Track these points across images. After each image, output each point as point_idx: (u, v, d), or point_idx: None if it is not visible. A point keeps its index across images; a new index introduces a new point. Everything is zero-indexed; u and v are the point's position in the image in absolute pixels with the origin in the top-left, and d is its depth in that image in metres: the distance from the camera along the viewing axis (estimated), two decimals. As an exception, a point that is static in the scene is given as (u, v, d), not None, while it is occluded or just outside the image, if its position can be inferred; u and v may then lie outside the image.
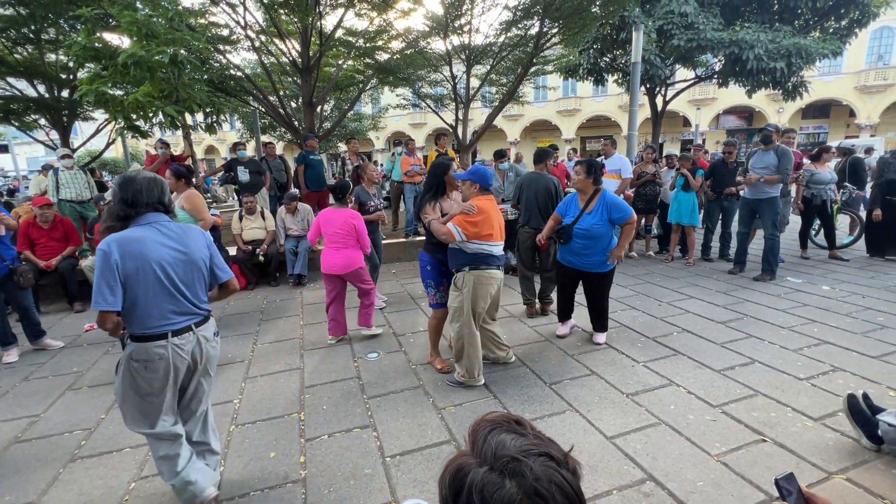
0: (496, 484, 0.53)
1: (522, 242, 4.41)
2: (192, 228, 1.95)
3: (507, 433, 0.59)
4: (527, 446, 0.55)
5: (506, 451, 0.56)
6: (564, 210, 3.66)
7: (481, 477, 0.54)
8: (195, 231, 1.95)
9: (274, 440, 2.51)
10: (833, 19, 10.83)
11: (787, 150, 4.99)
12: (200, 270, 1.91)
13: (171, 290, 1.81)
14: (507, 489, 0.52)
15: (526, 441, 0.56)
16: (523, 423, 0.61)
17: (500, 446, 0.57)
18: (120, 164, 22.72)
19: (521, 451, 0.55)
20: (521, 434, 0.59)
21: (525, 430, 0.60)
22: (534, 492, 0.52)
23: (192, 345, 1.88)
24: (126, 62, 4.56)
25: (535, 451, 0.54)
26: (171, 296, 1.81)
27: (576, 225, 3.51)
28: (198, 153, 37.29)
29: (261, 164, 7.01)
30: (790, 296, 4.63)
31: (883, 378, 2.93)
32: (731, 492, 2.00)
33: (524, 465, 0.53)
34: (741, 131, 27.43)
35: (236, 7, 7.42)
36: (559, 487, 0.53)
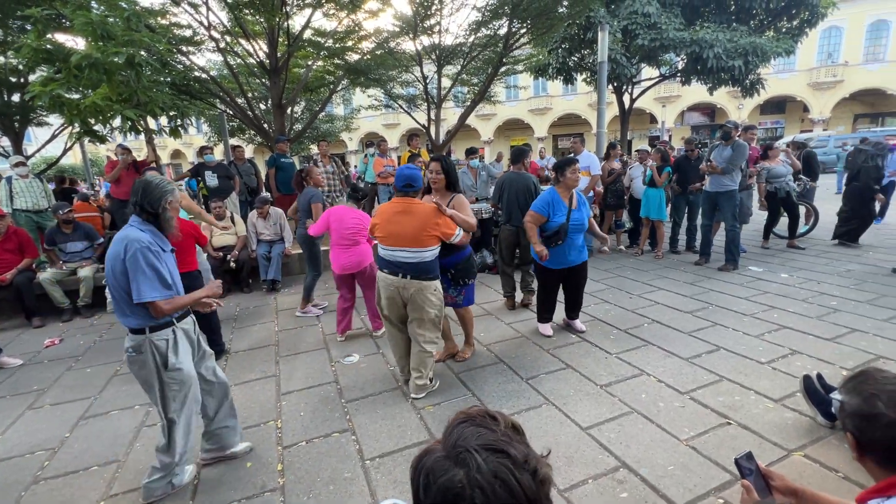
0: (443, 469, 0.56)
1: (504, 240, 4.46)
2: (121, 238, 1.90)
3: (476, 427, 0.61)
4: (487, 441, 0.57)
5: (464, 442, 0.59)
6: (548, 210, 3.50)
7: (433, 460, 0.59)
8: (118, 242, 1.90)
9: (250, 449, 2.46)
10: (785, 20, 11.40)
11: (742, 145, 5.22)
12: (116, 281, 1.89)
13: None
14: (450, 475, 0.55)
15: (490, 436, 0.58)
16: (497, 419, 0.63)
17: (462, 437, 0.60)
18: (79, 170, 21.71)
19: (479, 444, 0.57)
20: (490, 429, 0.61)
21: (495, 426, 0.62)
22: (475, 483, 0.54)
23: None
24: (80, 64, 4.36)
25: (493, 446, 0.56)
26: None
27: (570, 221, 3.49)
28: (163, 158, 36.04)
29: (229, 169, 6.83)
30: (752, 284, 4.85)
31: (836, 359, 3.11)
32: (699, 474, 2.09)
33: (473, 457, 0.55)
34: (705, 127, 28.49)
35: (199, 7, 7.21)
36: (504, 484, 0.54)
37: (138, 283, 1.85)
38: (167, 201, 1.99)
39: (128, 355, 1.97)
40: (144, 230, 1.95)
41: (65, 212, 5.08)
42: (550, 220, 3.50)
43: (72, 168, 23.97)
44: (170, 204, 2.00)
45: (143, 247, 1.87)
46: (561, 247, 3.52)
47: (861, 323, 3.67)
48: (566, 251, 3.56)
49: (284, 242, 5.81)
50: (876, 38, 23.75)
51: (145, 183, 1.97)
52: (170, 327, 1.99)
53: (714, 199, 5.48)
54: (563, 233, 3.47)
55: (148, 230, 1.97)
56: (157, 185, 1.98)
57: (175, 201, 2.04)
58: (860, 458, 1.03)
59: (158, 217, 1.99)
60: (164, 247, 2.01)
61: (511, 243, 4.42)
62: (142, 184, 1.97)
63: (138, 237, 1.89)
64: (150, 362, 1.95)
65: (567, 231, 3.48)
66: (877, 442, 0.97)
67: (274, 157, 7.05)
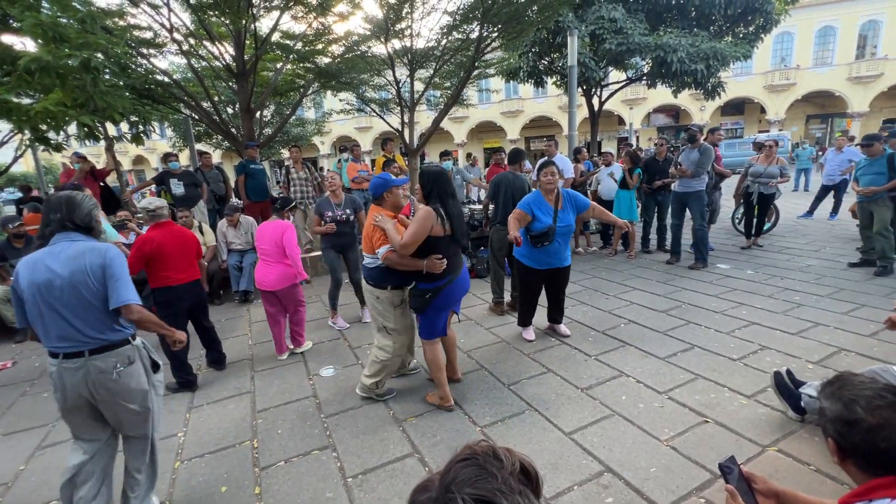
0: None
1: (498, 240, 4.44)
2: (88, 250, 1.81)
3: (476, 468, 0.57)
4: (481, 491, 0.53)
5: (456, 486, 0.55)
6: (530, 209, 3.46)
7: (423, 500, 0.57)
8: (88, 253, 1.80)
9: (225, 473, 2.35)
10: (742, 25, 11.92)
11: (708, 148, 5.42)
12: (82, 295, 1.77)
13: (52, 314, 1.76)
14: None
15: (488, 484, 0.55)
16: (502, 462, 0.59)
17: (456, 480, 0.56)
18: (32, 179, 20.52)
19: (471, 493, 0.53)
20: (491, 474, 0.57)
21: (499, 470, 0.57)
22: None
23: (82, 372, 1.80)
24: (30, 67, 4.11)
25: (485, 498, 0.53)
26: (54, 319, 1.77)
27: (558, 223, 3.46)
28: (125, 164, 34.50)
29: (196, 176, 6.58)
30: (721, 281, 5.01)
31: (802, 353, 3.24)
32: (680, 475, 2.12)
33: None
34: (669, 128, 29.49)
35: (159, 8, 6.92)
36: None
37: (120, 286, 1.82)
38: (96, 215, 1.93)
39: (118, 372, 1.84)
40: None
41: (15, 225, 4.77)
42: (537, 221, 3.46)
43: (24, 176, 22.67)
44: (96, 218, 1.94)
45: (119, 252, 1.87)
46: (547, 248, 3.50)
47: (823, 317, 3.84)
48: (552, 252, 3.54)
49: (256, 251, 5.62)
50: (824, 43, 25.20)
51: (68, 198, 1.85)
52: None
53: (682, 200, 5.65)
54: (550, 234, 3.44)
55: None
56: (82, 199, 1.89)
57: (98, 214, 1.97)
58: (841, 462, 1.05)
59: (92, 230, 1.91)
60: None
61: (505, 244, 4.41)
62: (65, 198, 1.84)
63: (107, 246, 1.87)
64: (141, 370, 1.93)
65: (555, 232, 3.45)
66: (858, 447, 0.99)
67: (243, 164, 6.83)
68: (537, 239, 3.48)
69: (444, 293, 2.67)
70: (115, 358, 1.85)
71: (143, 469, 2.03)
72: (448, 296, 2.71)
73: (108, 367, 1.83)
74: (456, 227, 2.64)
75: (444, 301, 2.71)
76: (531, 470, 0.61)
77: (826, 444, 1.09)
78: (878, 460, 0.98)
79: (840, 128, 24.80)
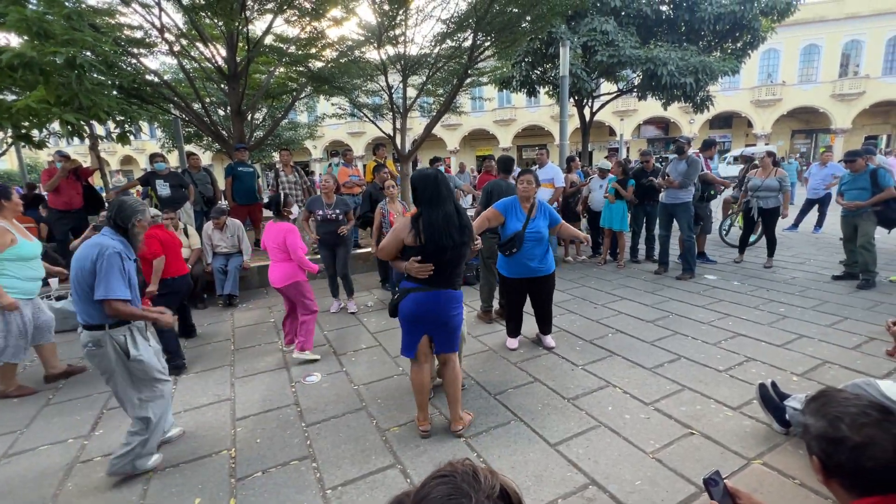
0: None
1: (489, 248, 4.41)
2: (93, 244, 2.20)
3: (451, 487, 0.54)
4: None
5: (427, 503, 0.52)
6: (505, 212, 3.48)
7: None
8: (90, 247, 2.20)
9: (199, 484, 2.27)
10: (730, 41, 12.19)
11: (696, 160, 5.49)
12: (77, 280, 2.19)
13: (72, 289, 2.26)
14: None
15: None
16: (480, 482, 0.56)
17: (429, 496, 0.54)
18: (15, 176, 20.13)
19: None
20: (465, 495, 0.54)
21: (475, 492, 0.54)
22: None
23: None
24: (13, 63, 4.02)
25: None
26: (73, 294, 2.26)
27: (527, 230, 3.45)
28: (113, 164, 33.98)
29: (182, 177, 6.49)
30: (707, 292, 5.04)
31: (787, 365, 3.25)
32: (665, 488, 2.09)
33: None
34: (659, 140, 29.94)
35: (150, 8, 6.86)
36: None
37: (109, 280, 2.13)
38: (137, 219, 2.32)
39: (87, 350, 2.22)
40: (115, 240, 2.26)
41: None
42: (507, 226, 3.46)
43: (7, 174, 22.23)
44: (139, 223, 2.34)
45: (117, 251, 2.19)
46: (517, 256, 3.48)
47: (807, 329, 3.87)
48: (523, 260, 3.51)
49: (243, 255, 5.54)
50: (809, 61, 25.86)
51: (120, 202, 2.32)
52: (126, 325, 2.26)
53: (670, 211, 5.69)
54: (517, 240, 3.42)
55: (119, 240, 2.27)
56: (130, 204, 2.33)
57: (144, 221, 2.37)
58: (826, 481, 1.03)
59: (127, 232, 2.31)
60: (131, 256, 2.32)
61: (495, 251, 4.38)
62: (117, 202, 2.33)
63: (112, 244, 2.21)
64: (111, 354, 2.22)
65: (522, 239, 3.44)
66: (842, 466, 0.97)
67: (232, 166, 6.76)
68: (505, 246, 3.48)
69: (410, 300, 2.43)
70: (89, 338, 2.20)
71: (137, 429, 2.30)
72: (414, 308, 2.43)
73: (84, 342, 2.22)
74: (427, 238, 2.34)
75: (410, 312, 2.44)
76: (513, 495, 0.58)
77: (810, 461, 1.07)
78: (863, 480, 0.96)
79: (824, 143, 25.41)
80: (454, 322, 2.52)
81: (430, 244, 2.36)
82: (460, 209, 2.44)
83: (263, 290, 5.97)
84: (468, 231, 2.44)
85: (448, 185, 2.44)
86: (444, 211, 2.38)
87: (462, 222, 2.42)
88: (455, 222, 2.39)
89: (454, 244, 2.38)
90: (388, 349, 3.88)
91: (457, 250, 2.43)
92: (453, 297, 2.49)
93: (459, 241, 2.39)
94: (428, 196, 2.39)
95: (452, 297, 2.49)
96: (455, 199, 2.48)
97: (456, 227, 2.39)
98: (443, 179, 2.43)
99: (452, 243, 2.37)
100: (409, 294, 2.44)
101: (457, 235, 2.39)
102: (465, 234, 2.43)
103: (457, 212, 2.42)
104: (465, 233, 2.43)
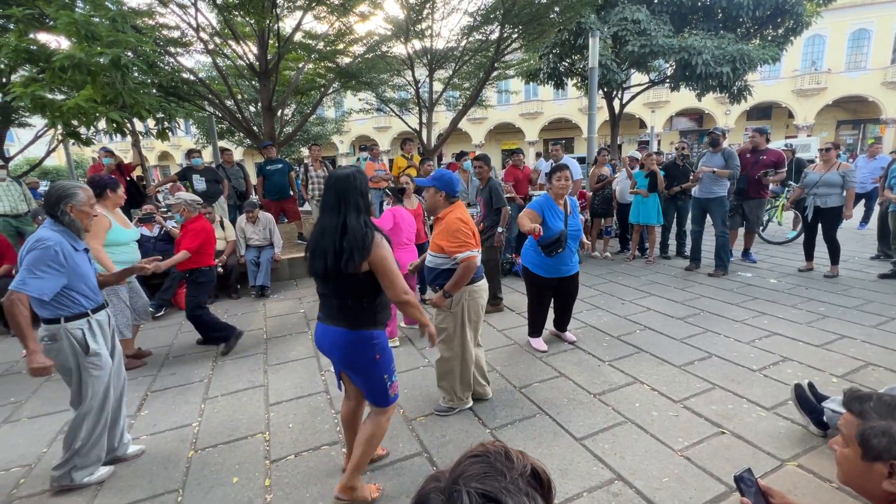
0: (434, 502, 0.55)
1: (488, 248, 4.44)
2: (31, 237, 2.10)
3: (486, 465, 0.57)
4: (488, 487, 0.53)
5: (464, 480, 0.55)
6: (543, 213, 3.37)
7: (430, 489, 0.57)
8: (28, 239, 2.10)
9: (237, 464, 2.39)
10: (771, 28, 11.59)
11: (733, 152, 5.29)
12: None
13: None
14: None
15: (495, 482, 0.54)
16: (513, 462, 0.58)
17: (465, 474, 0.56)
18: (63, 172, 21.29)
19: (477, 487, 0.53)
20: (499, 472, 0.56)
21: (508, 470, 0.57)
22: None
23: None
24: (63, 64, 4.26)
25: (490, 494, 0.52)
26: None
27: (568, 227, 3.38)
28: (151, 160, 35.47)
29: (217, 172, 6.73)
30: (742, 290, 4.88)
31: (826, 366, 3.13)
32: (693, 486, 2.07)
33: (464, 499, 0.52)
34: (693, 132, 28.87)
35: (187, 8, 7.11)
36: None
37: (24, 273, 2.00)
38: (66, 204, 2.13)
39: (44, 344, 2.10)
40: (55, 230, 2.11)
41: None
42: (548, 227, 3.35)
43: (56, 170, 23.52)
44: (70, 207, 2.14)
45: (50, 244, 2.02)
46: (559, 255, 3.39)
47: (849, 329, 3.70)
48: (563, 259, 3.45)
49: (274, 248, 5.72)
50: (857, 46, 24.31)
51: (49, 187, 2.17)
52: (84, 318, 2.17)
53: (703, 205, 5.52)
54: (563, 239, 3.34)
55: (59, 230, 2.12)
56: (56, 189, 2.15)
57: (78, 205, 2.16)
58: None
59: (58, 219, 2.13)
60: (76, 246, 2.17)
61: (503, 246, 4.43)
62: (49, 189, 2.17)
63: (48, 235, 2.06)
64: (67, 348, 2.12)
65: (566, 238, 3.36)
66: None
67: (261, 165, 6.98)
68: (550, 248, 3.34)
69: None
70: (45, 332, 2.11)
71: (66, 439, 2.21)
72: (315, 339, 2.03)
73: (40, 336, 2.10)
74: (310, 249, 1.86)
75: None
76: (543, 475, 0.60)
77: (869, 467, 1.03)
78: None
79: (873, 134, 23.92)
80: (362, 367, 1.92)
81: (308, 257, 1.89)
82: (351, 226, 1.77)
83: (293, 281, 6.15)
84: (354, 256, 1.74)
85: (348, 193, 1.80)
86: (321, 225, 1.84)
87: (344, 245, 1.75)
88: (333, 243, 1.76)
89: (324, 271, 1.79)
90: (413, 341, 3.95)
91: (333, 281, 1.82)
92: (347, 338, 1.87)
93: (333, 267, 1.76)
94: (323, 202, 1.88)
95: (345, 338, 1.88)
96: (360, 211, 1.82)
97: (332, 250, 1.76)
98: (344, 183, 1.81)
99: (323, 269, 1.79)
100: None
101: (330, 260, 1.76)
102: (348, 260, 1.74)
103: (342, 230, 1.77)
104: (349, 259, 1.74)
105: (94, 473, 2.27)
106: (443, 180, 2.61)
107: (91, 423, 2.20)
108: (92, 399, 2.18)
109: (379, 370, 1.93)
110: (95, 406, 2.20)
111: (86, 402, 2.17)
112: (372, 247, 1.78)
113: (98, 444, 2.26)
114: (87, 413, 2.18)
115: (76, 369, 2.15)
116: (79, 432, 2.18)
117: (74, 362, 2.14)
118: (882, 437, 1.01)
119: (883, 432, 1.01)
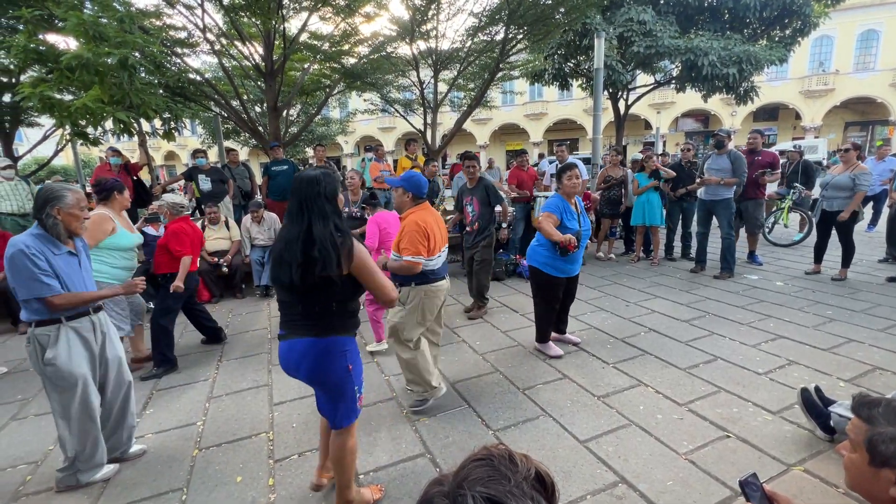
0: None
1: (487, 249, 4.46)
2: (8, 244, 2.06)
3: (490, 469, 0.57)
4: (492, 491, 0.53)
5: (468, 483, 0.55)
6: (560, 214, 3.33)
7: (434, 493, 0.57)
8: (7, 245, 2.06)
9: (241, 463, 2.40)
10: (778, 28, 11.51)
11: (740, 154, 5.25)
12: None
13: None
14: None
15: (500, 485, 0.54)
16: (517, 466, 0.58)
17: (469, 477, 0.56)
18: (71, 171, 21.48)
19: (482, 491, 0.53)
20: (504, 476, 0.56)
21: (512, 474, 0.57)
22: None
23: None
24: (71, 65, 4.30)
25: (495, 498, 0.52)
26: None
27: (582, 227, 3.38)
28: (157, 160, 35.74)
29: (223, 172, 6.76)
30: (748, 292, 4.84)
31: (833, 370, 3.10)
32: (698, 490, 2.05)
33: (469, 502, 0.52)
34: (698, 133, 28.73)
35: (194, 9, 7.15)
36: None
37: (21, 284, 1.99)
38: (52, 207, 2.07)
39: (27, 347, 2.10)
40: (35, 234, 2.06)
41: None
42: (566, 227, 3.31)
43: (64, 169, 23.73)
44: (56, 210, 2.07)
45: (20, 250, 1.98)
46: (573, 255, 3.36)
47: (857, 332, 3.67)
48: (577, 259, 3.44)
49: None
50: (866, 47, 24.13)
51: (39, 191, 2.11)
52: (55, 324, 2.10)
53: (709, 207, 5.49)
54: (579, 239, 3.32)
55: (38, 234, 2.06)
56: (42, 193, 2.09)
57: (66, 208, 2.09)
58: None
59: (42, 222, 2.07)
60: (55, 250, 2.09)
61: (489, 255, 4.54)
62: (38, 192, 2.12)
63: (18, 241, 2.01)
64: (33, 354, 2.09)
65: (581, 237, 3.34)
66: None
67: (267, 166, 7.01)
68: (567, 248, 3.29)
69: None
70: (29, 334, 2.09)
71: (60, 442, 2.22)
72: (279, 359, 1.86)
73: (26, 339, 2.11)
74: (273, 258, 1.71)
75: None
76: (547, 479, 0.60)
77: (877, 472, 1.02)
78: None
79: (881, 135, 23.69)
80: (335, 380, 1.79)
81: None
82: (318, 236, 1.63)
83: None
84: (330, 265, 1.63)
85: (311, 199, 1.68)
86: (283, 236, 1.71)
87: (315, 255, 1.61)
88: (296, 254, 1.63)
89: (288, 284, 1.66)
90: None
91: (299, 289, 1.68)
92: (318, 347, 1.75)
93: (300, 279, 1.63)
94: (287, 209, 1.75)
95: (315, 347, 1.75)
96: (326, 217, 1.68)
97: (297, 262, 1.62)
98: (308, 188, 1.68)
99: (289, 279, 1.64)
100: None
101: (296, 272, 1.62)
102: (324, 269, 1.62)
103: (305, 239, 1.64)
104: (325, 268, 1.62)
105: (98, 472, 2.29)
106: (411, 182, 2.70)
107: (78, 432, 2.17)
108: (64, 409, 2.13)
109: (351, 382, 1.83)
110: (74, 416, 2.14)
111: (56, 411, 2.14)
112: (354, 252, 1.70)
113: (97, 450, 2.25)
114: (66, 422, 2.15)
115: (42, 376, 2.11)
116: (66, 443, 2.18)
117: (39, 369, 2.09)
118: (890, 443, 1.00)
119: (891, 438, 1.00)
